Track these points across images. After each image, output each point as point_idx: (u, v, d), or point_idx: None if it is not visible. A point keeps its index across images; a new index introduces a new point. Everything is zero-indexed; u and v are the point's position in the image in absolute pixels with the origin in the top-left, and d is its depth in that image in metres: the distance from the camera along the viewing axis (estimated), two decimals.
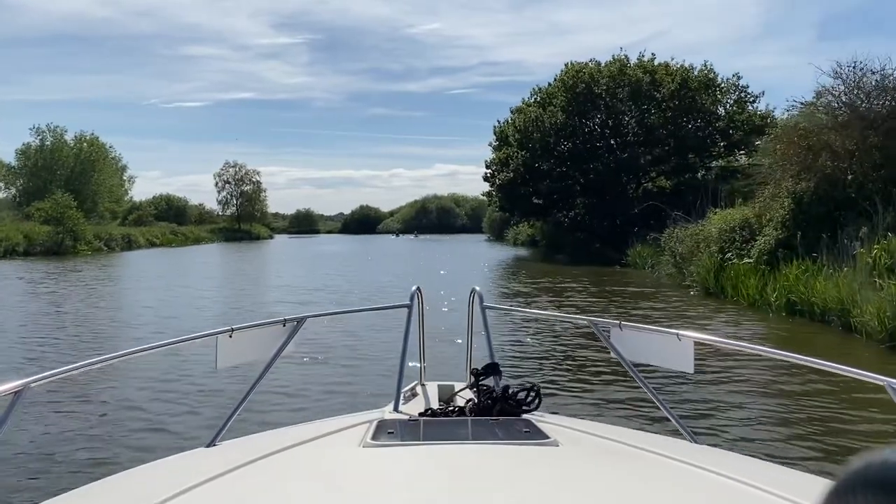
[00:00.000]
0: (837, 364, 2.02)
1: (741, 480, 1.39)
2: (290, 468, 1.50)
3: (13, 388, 1.61)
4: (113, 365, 6.25)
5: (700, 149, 33.18)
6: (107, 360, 2.13)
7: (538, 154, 34.72)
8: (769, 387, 7.89)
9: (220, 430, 2.01)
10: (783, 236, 14.94)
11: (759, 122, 33.05)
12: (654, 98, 33.30)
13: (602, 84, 33.75)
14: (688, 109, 33.23)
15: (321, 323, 9.75)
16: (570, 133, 34.50)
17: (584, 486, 1.39)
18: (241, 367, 2.54)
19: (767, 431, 6.29)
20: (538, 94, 36.93)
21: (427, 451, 1.57)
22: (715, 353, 8.21)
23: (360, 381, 8.21)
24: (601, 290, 19.03)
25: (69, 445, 5.89)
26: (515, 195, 35.92)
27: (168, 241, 63.66)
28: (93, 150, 65.84)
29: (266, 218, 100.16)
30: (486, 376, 2.19)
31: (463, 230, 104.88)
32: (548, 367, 9.18)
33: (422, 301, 2.55)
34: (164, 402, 7.22)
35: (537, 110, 34.69)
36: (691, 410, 6.67)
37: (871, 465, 0.46)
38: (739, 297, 15.20)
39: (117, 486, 1.62)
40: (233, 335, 2.13)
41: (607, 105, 33.74)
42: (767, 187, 16.78)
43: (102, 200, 65.46)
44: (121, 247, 52.09)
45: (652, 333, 2.34)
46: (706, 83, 33.64)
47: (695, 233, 19.37)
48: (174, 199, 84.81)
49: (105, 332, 12.30)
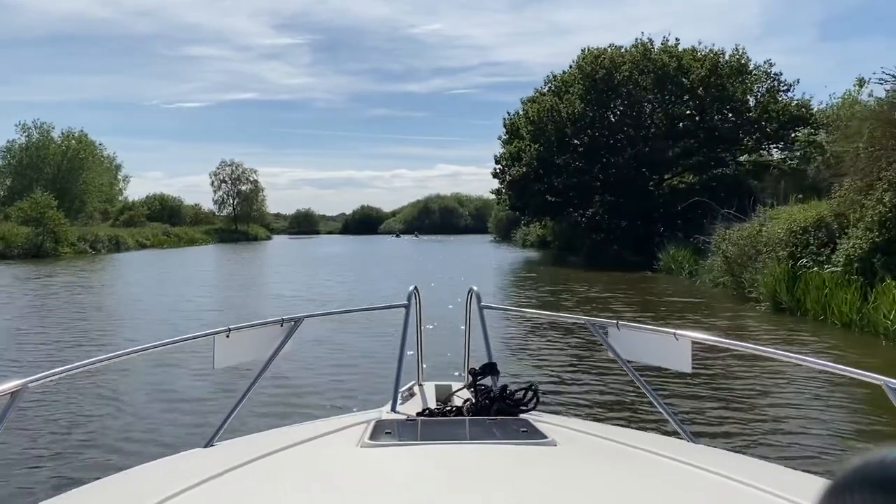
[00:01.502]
0: (836, 364, 2.08)
1: (739, 480, 1.38)
2: (288, 468, 1.50)
3: (11, 388, 1.62)
4: (111, 365, 6.07)
5: (733, 141, 30.14)
6: (105, 360, 2.12)
7: (553, 147, 31.71)
8: (767, 386, 7.81)
9: (217, 430, 2.01)
10: (881, 239, 11.95)
11: (797, 112, 30.09)
12: (681, 86, 30.24)
13: (624, 71, 30.69)
14: (718, 98, 30.20)
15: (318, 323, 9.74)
16: (589, 124, 31.46)
17: (582, 486, 1.39)
18: (238, 367, 2.52)
19: (766, 431, 6.23)
20: (552, 81, 33.87)
21: (425, 451, 1.57)
22: (712, 352, 8.16)
23: (357, 380, 8.15)
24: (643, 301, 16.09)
25: (67, 445, 5.90)
26: (528, 192, 32.78)
27: (160, 243, 61.28)
28: (81, 148, 63.15)
29: (265, 218, 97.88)
30: (484, 376, 2.17)
31: (466, 231, 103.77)
32: (546, 366, 9.07)
33: (419, 301, 2.52)
34: (161, 403, 7.25)
35: (552, 99, 31.63)
36: (689, 410, 6.57)
37: (868, 464, 0.46)
38: (827, 314, 12.15)
39: (116, 486, 1.61)
40: (230, 335, 2.12)
41: (629, 93, 30.66)
42: (847, 180, 13.81)
43: (91, 200, 62.93)
44: (107, 249, 49.94)
45: (649, 333, 2.33)
46: (738, 69, 30.60)
47: (751, 234, 16.35)
48: (168, 199, 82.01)
49: (33, 358, 9.52)
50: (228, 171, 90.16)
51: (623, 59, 31.11)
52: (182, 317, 14.46)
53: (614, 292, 18.37)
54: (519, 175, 32.43)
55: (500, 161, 35.31)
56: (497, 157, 35.68)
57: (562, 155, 31.62)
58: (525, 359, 9.56)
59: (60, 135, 62.85)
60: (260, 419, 5.48)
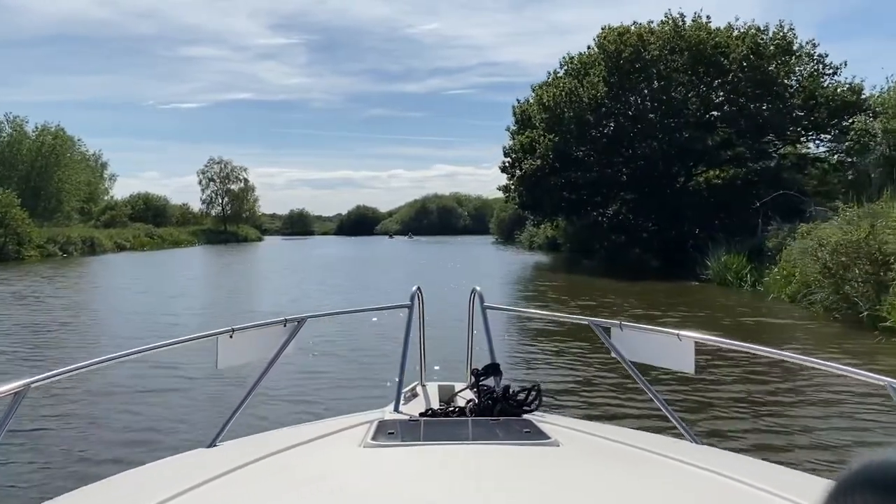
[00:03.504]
0: (838, 364, 2.04)
1: (741, 481, 1.37)
2: (291, 468, 1.49)
3: (13, 388, 1.63)
4: (113, 366, 5.88)
5: (779, 130, 26.33)
6: (109, 360, 2.11)
7: (571, 137, 27.89)
8: (770, 387, 7.68)
9: (220, 430, 1.98)
10: None
11: (849, 98, 26.32)
12: (719, 66, 26.42)
13: (653, 49, 26.86)
14: (760, 82, 26.40)
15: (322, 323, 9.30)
16: (612, 111, 27.67)
17: (584, 487, 1.38)
18: (241, 367, 2.46)
19: (768, 432, 6.19)
20: (569, 63, 30.04)
21: (427, 452, 1.55)
22: (716, 353, 7.84)
23: (360, 381, 8.09)
24: (717, 321, 12.22)
25: (69, 446, 5.90)
26: (543, 188, 28.87)
27: (140, 245, 57.54)
28: (57, 144, 59.11)
29: (257, 219, 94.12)
30: (487, 376, 2.14)
31: (465, 231, 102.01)
32: (548, 367, 9.13)
33: (422, 301, 2.49)
34: (164, 403, 7.21)
35: (571, 82, 27.78)
36: (692, 411, 6.43)
37: (871, 466, 0.46)
38: None
39: (117, 486, 1.61)
40: (233, 335, 2.11)
41: (660, 75, 26.84)
42: None
43: (68, 199, 58.97)
44: (80, 251, 45.95)
45: (652, 333, 2.29)
46: (784, 48, 26.82)
47: (857, 239, 12.50)
48: (153, 199, 78.07)
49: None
50: (217, 170, 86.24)
51: (652, 36, 27.29)
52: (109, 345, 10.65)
53: (665, 309, 14.61)
54: (533, 169, 28.56)
55: (510, 153, 31.46)
56: (506, 149, 31.83)
57: (581, 146, 27.80)
58: (528, 359, 9.59)
59: (35, 129, 58.90)
60: (263, 419, 5.44)
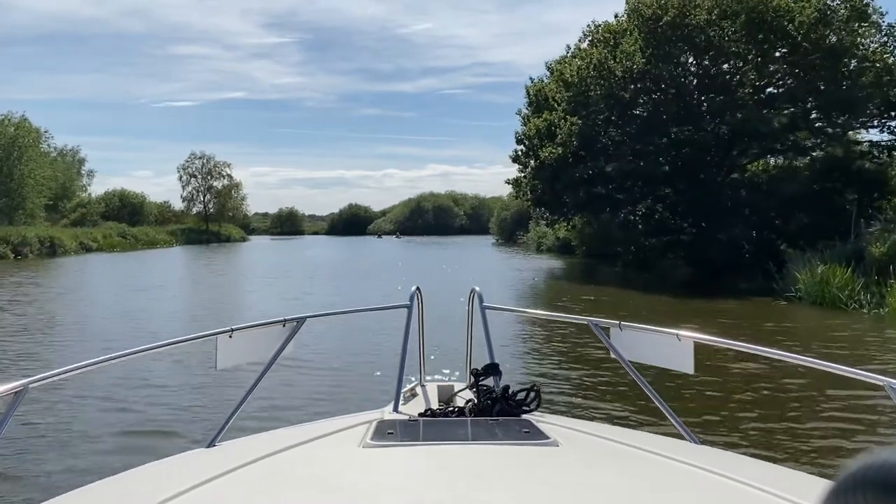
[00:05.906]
0: (837, 364, 2.03)
1: (741, 481, 1.37)
2: (290, 469, 1.48)
3: (13, 388, 1.62)
4: (113, 366, 5.52)
5: (856, 110, 21.68)
6: (107, 360, 2.08)
7: (599, 120, 23.20)
8: (770, 387, 7.69)
9: (219, 430, 1.97)
10: None
11: None
12: (783, 33, 21.76)
13: (700, 14, 22.18)
14: (830, 53, 21.79)
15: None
16: (649, 88, 22.99)
17: (584, 487, 1.38)
18: (241, 367, 2.43)
19: (768, 432, 6.20)
20: (595, 32, 25.30)
21: (427, 452, 1.55)
22: (716, 353, 7.68)
23: (359, 381, 8.11)
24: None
25: (69, 446, 5.89)
26: (564, 180, 24.11)
27: (110, 245, 52.47)
28: (20, 135, 54.05)
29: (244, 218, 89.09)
30: (486, 376, 2.13)
31: (462, 231, 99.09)
32: (548, 367, 9.11)
33: (421, 301, 2.48)
34: (163, 403, 7.20)
35: (602, 52, 23.02)
36: (692, 411, 6.44)
37: (870, 466, 0.46)
38: None
39: (117, 487, 1.58)
40: (233, 335, 2.10)
41: (710, 43, 22.14)
42: None
43: (31, 196, 53.96)
44: (38, 253, 41.22)
45: (652, 333, 2.28)
46: (859, 14, 22.21)
47: None
48: (129, 196, 73.12)
49: None
50: (198, 165, 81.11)
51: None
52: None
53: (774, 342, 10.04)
54: (554, 157, 23.79)
55: (524, 140, 26.72)
56: (518, 136, 27.07)
57: (612, 129, 23.10)
58: (527, 359, 9.63)
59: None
60: (262, 420, 5.33)
